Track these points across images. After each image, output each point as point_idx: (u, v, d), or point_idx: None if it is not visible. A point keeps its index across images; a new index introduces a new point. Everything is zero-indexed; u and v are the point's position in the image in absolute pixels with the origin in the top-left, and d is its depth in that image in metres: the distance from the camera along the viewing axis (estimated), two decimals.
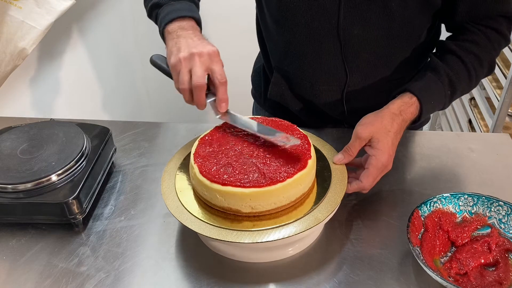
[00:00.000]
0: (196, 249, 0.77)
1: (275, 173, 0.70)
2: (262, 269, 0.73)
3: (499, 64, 1.66)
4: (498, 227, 0.75)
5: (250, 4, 1.06)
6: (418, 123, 0.86)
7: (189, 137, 0.88)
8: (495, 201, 0.75)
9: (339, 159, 0.79)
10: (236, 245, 0.71)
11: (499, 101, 1.61)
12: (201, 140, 0.78)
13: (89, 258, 0.75)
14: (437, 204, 0.76)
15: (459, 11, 0.86)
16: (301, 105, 1.05)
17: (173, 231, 0.80)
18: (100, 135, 0.91)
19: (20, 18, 1.08)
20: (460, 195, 0.77)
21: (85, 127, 0.91)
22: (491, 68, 0.90)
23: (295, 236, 0.67)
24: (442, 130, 2.32)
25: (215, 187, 0.69)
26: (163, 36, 0.86)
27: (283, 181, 0.69)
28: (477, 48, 0.86)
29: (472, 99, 1.95)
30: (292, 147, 0.73)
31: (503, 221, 0.75)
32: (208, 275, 0.72)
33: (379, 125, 0.78)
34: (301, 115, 1.06)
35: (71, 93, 1.53)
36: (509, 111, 1.61)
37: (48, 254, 0.77)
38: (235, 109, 0.81)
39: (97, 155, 0.86)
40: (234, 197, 0.69)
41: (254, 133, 0.77)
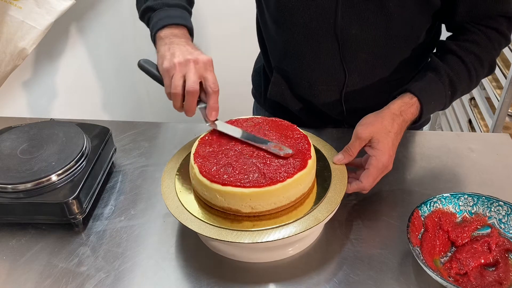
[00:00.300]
0: (196, 249, 0.77)
1: (275, 173, 0.70)
2: (262, 269, 0.73)
3: (499, 64, 1.66)
4: (498, 227, 0.75)
5: (250, 4, 1.06)
6: (418, 123, 0.86)
7: (189, 137, 0.88)
8: (495, 201, 0.75)
9: (339, 159, 0.79)
10: (236, 245, 0.71)
11: (499, 101, 1.61)
12: (201, 140, 0.78)
13: (89, 258, 0.75)
14: (437, 204, 0.76)
15: (459, 11, 0.86)
16: (301, 105, 1.05)
17: (173, 231, 0.80)
18: (100, 135, 0.91)
19: (20, 18, 1.08)
20: (460, 195, 0.77)
21: (85, 127, 0.91)
22: (491, 68, 0.90)
23: (295, 236, 0.67)
24: (442, 130, 2.32)
25: (215, 187, 0.69)
26: (154, 40, 0.86)
27: (283, 181, 0.69)
28: (478, 48, 0.86)
29: (472, 99, 1.95)
30: (286, 155, 0.72)
31: (503, 221, 0.75)
32: (208, 275, 0.72)
33: (380, 126, 0.78)
34: (300, 115, 1.07)
35: (71, 93, 1.53)
36: (509, 111, 1.61)
37: (48, 254, 0.77)
38: (235, 109, 0.81)
39: (97, 155, 0.86)
40: (234, 197, 0.69)
41: (247, 142, 0.76)
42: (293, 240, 0.70)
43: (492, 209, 0.76)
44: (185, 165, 0.80)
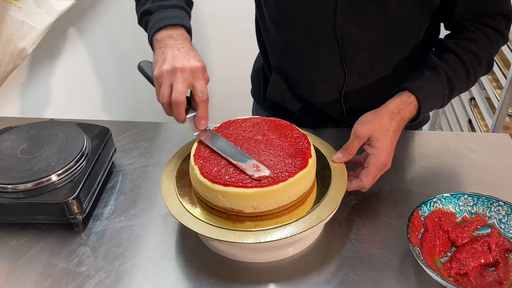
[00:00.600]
0: (196, 249, 0.77)
1: (277, 173, 0.70)
2: (262, 269, 0.73)
3: (499, 64, 1.66)
4: (498, 227, 0.75)
5: (249, 4, 1.06)
6: (416, 121, 0.86)
7: (189, 137, 0.88)
8: (495, 201, 0.75)
9: (338, 157, 0.79)
10: (236, 245, 0.71)
11: (499, 101, 1.61)
12: (200, 141, 0.78)
13: (89, 258, 0.75)
14: (437, 204, 0.76)
15: (458, 10, 0.87)
16: (300, 104, 1.05)
17: (173, 231, 0.80)
18: (100, 135, 0.91)
19: (20, 18, 1.08)
20: (460, 195, 0.77)
21: (85, 127, 0.91)
22: (489, 66, 0.90)
23: (296, 236, 0.67)
24: (442, 130, 2.32)
25: (216, 188, 0.69)
26: (151, 44, 0.85)
27: (284, 180, 0.69)
28: (476, 46, 0.87)
29: (472, 99, 1.95)
30: (259, 178, 0.69)
31: (503, 221, 0.75)
32: (208, 275, 0.72)
33: (378, 124, 0.78)
34: (300, 114, 1.07)
35: (71, 93, 1.53)
36: (509, 111, 1.61)
37: (48, 254, 0.77)
38: (235, 109, 0.81)
39: (97, 155, 0.86)
40: (236, 197, 0.69)
41: (226, 158, 0.73)
42: (294, 240, 0.70)
43: (492, 209, 0.76)
44: (185, 165, 0.80)
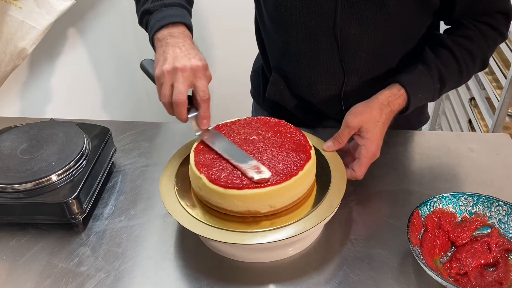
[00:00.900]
0: (196, 249, 0.77)
1: (285, 169, 0.71)
2: (262, 269, 0.73)
3: (499, 64, 1.66)
4: (498, 227, 0.75)
5: (249, 4, 1.06)
6: (405, 113, 0.87)
7: (189, 137, 0.88)
8: (495, 201, 0.75)
9: (329, 146, 0.82)
10: (237, 246, 0.70)
11: (499, 101, 1.61)
12: (196, 150, 0.76)
13: (89, 258, 0.75)
14: (437, 204, 0.76)
15: (457, 9, 0.87)
16: (300, 104, 1.05)
17: (173, 231, 0.80)
18: (100, 135, 0.91)
19: (20, 18, 1.08)
20: (460, 195, 0.77)
21: (85, 127, 0.91)
22: (484, 64, 0.91)
23: (296, 236, 0.67)
24: (442, 130, 2.32)
25: (231, 193, 0.68)
26: (152, 43, 0.85)
27: (296, 174, 0.70)
28: (471, 44, 0.87)
29: (472, 99, 1.95)
30: (260, 180, 0.68)
31: (503, 221, 0.75)
32: (208, 275, 0.72)
33: (368, 115, 0.81)
34: (299, 114, 1.07)
35: (71, 93, 1.53)
36: (509, 111, 1.61)
37: (48, 254, 0.77)
38: (235, 109, 0.81)
39: (97, 155, 0.86)
40: (252, 199, 0.68)
41: (227, 159, 0.73)
42: (294, 240, 0.69)
43: (492, 209, 0.76)
44: (184, 166, 0.80)
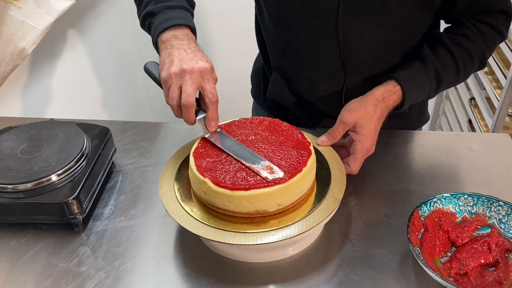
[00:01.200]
0: (196, 249, 0.77)
1: (289, 166, 0.71)
2: (262, 269, 0.73)
3: (499, 64, 1.66)
4: (498, 227, 0.75)
5: (250, 4, 1.06)
6: (401, 110, 0.88)
7: (189, 137, 0.88)
8: (495, 201, 0.75)
9: (323, 141, 0.83)
10: (237, 246, 0.70)
11: (499, 101, 1.61)
12: (195, 154, 0.76)
13: (89, 258, 0.75)
14: (437, 204, 0.76)
15: (457, 8, 0.87)
16: (300, 104, 1.05)
17: (173, 231, 0.80)
18: (100, 135, 0.91)
19: (20, 18, 1.08)
20: (460, 195, 0.77)
21: (85, 127, 0.91)
22: (482, 63, 0.91)
23: (296, 236, 0.67)
24: (442, 130, 2.32)
25: (238, 194, 0.68)
26: (156, 45, 0.84)
27: (300, 171, 0.70)
28: (469, 43, 0.88)
29: (472, 99, 1.95)
30: (274, 180, 0.69)
31: (503, 221, 0.75)
32: (208, 275, 0.72)
33: (363, 111, 0.81)
34: (300, 114, 1.07)
35: (71, 93, 1.53)
36: (509, 111, 1.61)
37: (48, 254, 0.77)
38: (235, 109, 0.81)
39: (97, 155, 0.86)
40: (260, 198, 0.68)
41: (239, 160, 0.73)
42: (294, 240, 0.69)
43: (492, 209, 0.76)
44: (183, 169, 0.79)
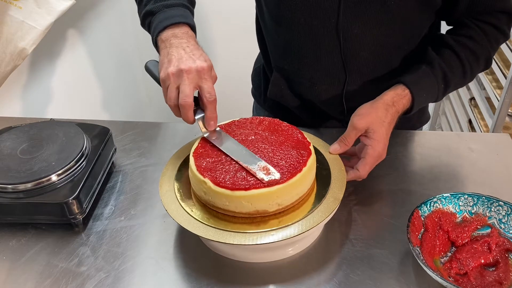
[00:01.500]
0: (196, 249, 0.77)
1: (289, 166, 0.71)
2: (262, 269, 0.73)
3: (499, 64, 1.66)
4: (498, 227, 0.75)
5: (250, 4, 1.06)
6: (410, 114, 0.87)
7: (189, 137, 0.88)
8: (495, 201, 0.75)
9: (335, 149, 0.81)
10: (237, 246, 0.70)
11: (499, 101, 1.61)
12: (195, 154, 0.76)
13: (89, 258, 0.75)
14: (437, 204, 0.76)
15: (459, 9, 0.87)
16: (301, 104, 1.05)
17: (173, 231, 0.80)
18: (100, 135, 0.91)
19: (20, 18, 1.08)
20: (460, 195, 0.77)
21: (85, 127, 0.91)
22: (487, 64, 0.91)
23: (296, 236, 0.67)
24: (442, 130, 2.32)
25: (238, 194, 0.68)
26: (156, 44, 0.84)
27: (300, 171, 0.70)
28: (474, 44, 0.88)
29: (472, 99, 1.95)
30: (270, 182, 0.68)
31: (503, 221, 0.75)
32: (208, 275, 0.72)
33: (375, 116, 0.80)
34: (301, 114, 1.07)
35: (71, 93, 1.53)
36: (509, 111, 1.61)
37: (48, 254, 0.77)
38: (235, 109, 0.81)
39: (97, 155, 0.86)
40: (260, 198, 0.68)
41: (237, 161, 0.73)
42: (294, 240, 0.69)
43: (492, 209, 0.75)
44: (182, 169, 0.79)
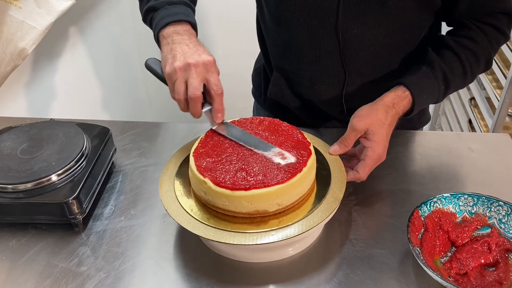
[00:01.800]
0: (196, 249, 0.77)
1: (289, 166, 0.71)
2: (262, 269, 0.73)
3: (499, 64, 1.66)
4: (498, 227, 0.75)
5: (250, 4, 1.06)
6: (410, 115, 0.87)
7: (189, 137, 0.88)
8: (495, 201, 0.75)
9: (335, 149, 0.81)
10: (237, 246, 0.70)
11: (499, 101, 1.61)
12: (195, 154, 0.76)
13: (89, 258, 0.75)
14: (437, 204, 0.76)
15: (459, 10, 0.87)
16: (301, 104, 1.05)
17: (173, 231, 0.80)
18: (100, 135, 0.91)
19: (20, 18, 1.08)
20: (460, 195, 0.77)
21: (85, 127, 0.91)
22: (488, 65, 0.91)
23: (296, 236, 0.67)
24: (442, 130, 2.32)
25: (238, 194, 0.68)
26: (157, 40, 0.85)
27: (300, 171, 0.70)
28: (474, 45, 0.87)
29: (472, 99, 1.95)
30: (287, 165, 0.71)
31: (503, 221, 0.75)
32: (208, 275, 0.72)
33: (375, 118, 0.80)
34: (301, 114, 1.07)
35: (71, 93, 1.53)
36: (509, 111, 1.61)
37: (48, 254, 0.77)
38: (236, 108, 0.81)
39: (97, 155, 0.86)
40: (260, 198, 0.68)
41: (250, 148, 0.75)
42: (294, 240, 0.69)
43: (492, 209, 0.75)
44: (183, 169, 0.79)
